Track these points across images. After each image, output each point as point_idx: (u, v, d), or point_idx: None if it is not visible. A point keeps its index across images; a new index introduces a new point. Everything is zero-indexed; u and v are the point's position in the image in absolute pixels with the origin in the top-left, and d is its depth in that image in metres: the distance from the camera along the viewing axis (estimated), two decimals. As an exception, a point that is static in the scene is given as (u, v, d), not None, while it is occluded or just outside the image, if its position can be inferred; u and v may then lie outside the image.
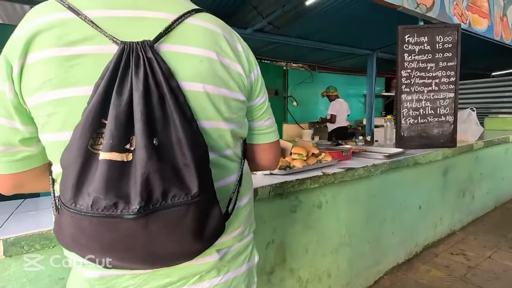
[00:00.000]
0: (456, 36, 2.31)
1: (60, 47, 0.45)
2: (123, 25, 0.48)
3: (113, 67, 0.45)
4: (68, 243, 0.47)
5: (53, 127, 0.47)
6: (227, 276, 0.62)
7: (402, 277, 2.12)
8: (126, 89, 0.44)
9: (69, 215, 0.43)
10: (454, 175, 2.68)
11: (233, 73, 0.57)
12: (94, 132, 0.43)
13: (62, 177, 0.44)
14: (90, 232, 0.43)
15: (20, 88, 0.47)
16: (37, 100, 0.46)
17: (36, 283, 0.88)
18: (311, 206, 1.60)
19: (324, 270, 1.71)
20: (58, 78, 0.45)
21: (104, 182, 0.42)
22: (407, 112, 2.36)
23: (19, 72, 0.46)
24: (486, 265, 2.25)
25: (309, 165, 1.62)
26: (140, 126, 0.43)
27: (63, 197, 0.43)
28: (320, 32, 4.41)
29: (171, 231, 0.46)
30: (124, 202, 0.42)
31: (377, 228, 2.04)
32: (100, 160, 0.42)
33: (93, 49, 0.47)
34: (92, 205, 0.41)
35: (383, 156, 1.96)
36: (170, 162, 0.45)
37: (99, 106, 0.43)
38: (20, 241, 0.83)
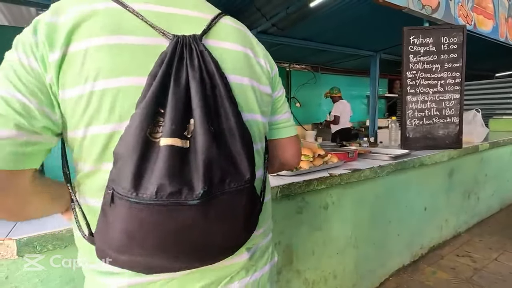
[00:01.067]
0: (462, 37, 2.30)
1: (108, 36, 0.45)
2: (166, 20, 0.50)
3: (169, 57, 0.46)
4: (115, 243, 0.44)
5: (97, 119, 0.45)
6: (255, 275, 0.63)
7: (407, 279, 2.11)
8: (183, 79, 0.45)
9: (127, 206, 0.41)
10: (460, 176, 2.67)
11: (263, 69, 0.62)
12: (152, 121, 0.43)
13: (116, 168, 0.42)
14: (150, 223, 0.42)
15: (57, 78, 0.44)
16: (80, 91, 0.44)
17: (47, 284, 0.89)
18: (318, 208, 1.60)
19: (330, 271, 1.71)
20: (110, 66, 0.45)
21: (168, 168, 0.41)
22: (412, 113, 2.36)
23: (60, 60, 0.44)
24: (493, 267, 2.24)
25: (315, 166, 1.62)
26: (199, 113, 0.44)
27: (120, 188, 0.41)
28: (324, 34, 4.41)
29: (227, 218, 0.48)
30: (188, 188, 0.42)
31: (382, 230, 2.04)
32: (162, 147, 0.42)
33: (141, 40, 0.47)
34: (157, 192, 0.40)
35: (389, 157, 1.96)
36: (225, 149, 0.46)
37: (157, 95, 0.43)
38: (33, 241, 0.83)
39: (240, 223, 0.50)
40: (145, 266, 0.46)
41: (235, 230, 0.50)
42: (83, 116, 0.45)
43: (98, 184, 0.48)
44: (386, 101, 8.49)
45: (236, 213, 0.49)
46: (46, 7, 3.67)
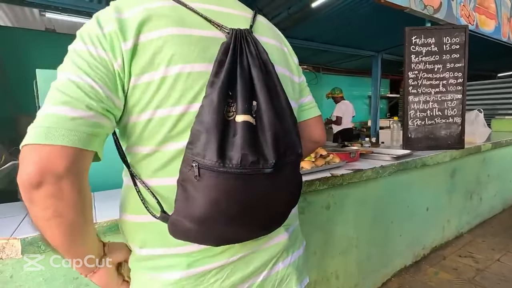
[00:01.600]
0: (464, 37, 2.30)
1: (177, 27, 0.51)
2: (218, 17, 0.57)
3: (232, 46, 0.52)
4: (198, 214, 0.48)
5: (168, 101, 0.50)
6: (294, 256, 0.69)
7: (410, 280, 2.10)
8: (245, 65, 0.52)
9: (215, 176, 0.46)
10: (462, 177, 2.66)
11: (294, 60, 0.71)
12: (225, 101, 0.49)
13: (200, 143, 0.47)
14: (235, 191, 0.48)
15: (129, 66, 0.49)
16: (152, 76, 0.50)
17: (51, 282, 0.90)
18: (320, 208, 1.60)
19: (332, 271, 1.71)
20: (180, 53, 0.50)
21: (247, 140, 0.47)
22: (414, 113, 2.35)
23: (132, 48, 0.49)
24: (495, 267, 2.23)
25: (317, 166, 1.62)
26: (263, 94, 0.51)
27: (207, 160, 0.46)
28: (325, 34, 4.41)
29: (288, 185, 0.56)
30: (263, 158, 0.48)
31: (384, 230, 2.03)
32: (239, 123, 0.48)
33: (203, 32, 0.54)
34: (241, 161, 0.46)
35: (391, 158, 1.96)
36: (283, 126, 0.53)
37: (228, 79, 0.49)
38: (37, 240, 0.84)
39: (294, 192, 0.59)
40: (218, 236, 0.52)
41: (291, 198, 0.59)
42: (152, 100, 0.50)
43: (155, 164, 0.53)
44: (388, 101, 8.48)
45: (292, 182, 0.57)
46: (48, 8, 3.69)
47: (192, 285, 0.55)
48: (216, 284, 0.57)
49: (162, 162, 0.53)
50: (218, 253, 0.57)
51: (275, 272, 0.64)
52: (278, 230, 0.63)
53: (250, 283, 0.61)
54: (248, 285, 0.61)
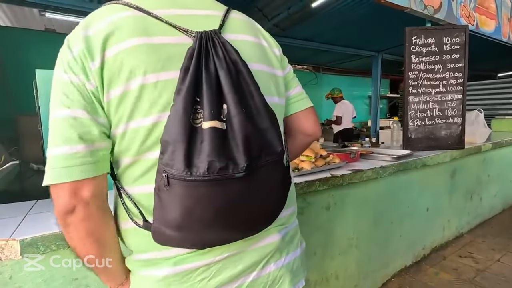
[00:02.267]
0: (464, 38, 2.29)
1: (141, 37, 0.51)
2: (184, 21, 0.56)
3: (197, 51, 0.51)
4: (174, 222, 0.48)
5: (138, 113, 0.51)
6: (288, 257, 0.67)
7: (410, 280, 2.10)
8: (212, 69, 0.51)
9: (184, 186, 0.46)
10: (462, 177, 2.66)
11: (274, 54, 0.68)
12: (192, 108, 0.48)
13: (168, 153, 0.47)
14: (206, 198, 0.47)
15: (101, 82, 0.50)
16: (123, 89, 0.50)
17: (51, 283, 0.90)
18: (319, 208, 1.60)
19: (332, 272, 1.71)
20: (145, 64, 0.50)
21: (214, 147, 0.47)
22: (414, 113, 2.35)
23: (100, 66, 0.50)
24: (495, 268, 2.23)
25: (317, 167, 1.62)
26: (231, 97, 0.49)
27: (175, 170, 0.46)
28: (325, 34, 4.41)
29: (266, 188, 0.54)
30: (233, 163, 0.48)
31: (384, 230, 2.03)
32: (206, 129, 0.47)
33: (168, 39, 0.53)
34: (208, 168, 0.46)
35: (391, 158, 1.96)
36: (257, 126, 0.52)
37: (193, 85, 0.49)
38: (36, 241, 0.84)
39: (277, 193, 0.58)
40: (199, 240, 0.52)
41: (273, 200, 0.57)
42: (123, 113, 0.51)
43: (135, 173, 0.54)
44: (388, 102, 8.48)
45: (273, 184, 0.55)
46: (48, 8, 3.69)
47: (179, 282, 0.57)
48: (203, 282, 0.57)
49: (141, 171, 0.54)
50: (205, 251, 0.57)
51: (267, 273, 0.63)
52: (270, 230, 0.63)
53: (239, 282, 0.60)
54: (237, 285, 0.60)
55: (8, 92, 4.05)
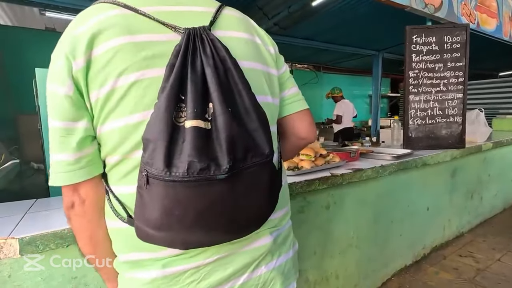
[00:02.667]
0: (465, 36, 2.29)
1: (128, 36, 0.50)
2: (173, 17, 0.55)
3: (184, 48, 0.49)
4: (153, 221, 0.48)
5: (123, 111, 0.50)
6: (280, 260, 0.66)
7: (410, 279, 2.10)
8: (198, 66, 0.49)
9: (163, 185, 0.45)
10: (462, 176, 2.65)
11: (269, 52, 0.66)
12: (175, 106, 0.47)
13: (148, 151, 0.46)
14: (185, 199, 0.46)
15: (86, 82, 0.50)
16: (108, 88, 0.50)
17: (49, 282, 0.90)
18: (319, 207, 1.60)
19: (332, 271, 1.71)
20: (130, 63, 0.50)
21: (195, 147, 0.45)
22: (414, 112, 2.34)
23: (85, 66, 0.49)
24: (496, 267, 2.22)
25: (317, 166, 1.61)
26: (217, 96, 0.48)
27: (154, 169, 0.45)
28: (326, 33, 4.40)
29: (252, 190, 0.52)
30: (215, 164, 0.46)
31: (384, 230, 2.03)
32: (188, 128, 0.46)
33: (155, 37, 0.52)
34: (188, 169, 0.44)
35: (391, 157, 1.95)
36: (244, 127, 0.50)
37: (177, 83, 0.47)
38: (35, 240, 0.84)
39: (264, 196, 0.55)
40: (182, 241, 0.50)
41: (260, 202, 0.55)
42: (109, 111, 0.51)
43: (120, 173, 0.54)
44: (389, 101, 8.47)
45: (260, 187, 0.53)
46: (48, 7, 3.69)
47: (167, 285, 0.56)
48: (192, 285, 0.56)
49: (126, 171, 0.53)
50: (194, 254, 0.56)
51: (257, 275, 0.62)
52: (261, 232, 0.62)
53: (229, 285, 0.59)
54: (228, 287, 0.59)
55: (8, 91, 4.05)
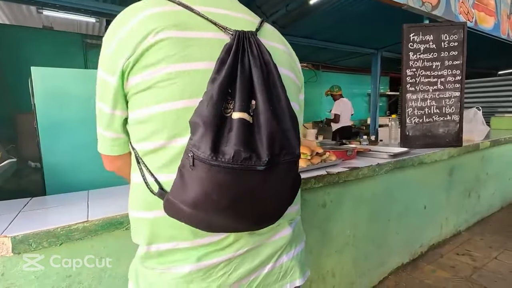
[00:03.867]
0: (462, 35, 2.28)
1: (177, 31, 0.55)
2: (224, 20, 0.60)
3: (235, 47, 0.54)
4: (191, 200, 0.51)
5: (170, 96, 0.54)
6: (297, 249, 0.73)
7: (407, 277, 2.11)
8: (246, 65, 0.54)
9: (207, 168, 0.49)
10: (460, 175, 2.66)
11: (297, 65, 0.75)
12: (224, 98, 0.51)
13: (197, 135, 0.50)
14: (226, 184, 0.50)
15: (132, 70, 0.55)
16: (154, 74, 0.54)
17: (43, 280, 0.90)
18: (315, 206, 1.60)
19: (328, 270, 1.71)
20: (178, 54, 0.54)
21: (242, 137, 0.49)
22: (412, 111, 2.34)
23: (135, 56, 0.53)
24: (493, 266, 2.23)
25: (313, 164, 1.61)
26: (261, 95, 0.53)
27: (201, 153, 0.49)
28: (324, 31, 4.40)
29: (282, 184, 0.57)
30: (256, 156, 0.50)
31: (381, 228, 2.03)
32: (235, 119, 0.50)
33: (206, 34, 0.57)
34: (234, 157, 0.48)
35: (388, 156, 1.95)
36: (281, 126, 0.54)
37: (229, 77, 0.52)
38: (28, 238, 0.84)
39: (289, 191, 0.60)
40: (208, 223, 0.54)
41: (285, 196, 0.60)
42: (154, 96, 0.54)
43: (162, 159, 0.56)
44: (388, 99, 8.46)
45: (287, 182, 0.58)
46: (46, 6, 3.68)
47: (201, 278, 0.59)
48: (224, 277, 0.60)
49: (168, 158, 0.56)
50: (226, 246, 0.60)
51: (280, 264, 0.68)
52: (282, 224, 0.68)
53: (255, 275, 0.64)
54: (254, 277, 0.64)
55: (6, 90, 4.04)
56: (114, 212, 0.98)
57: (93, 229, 0.93)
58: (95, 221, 0.93)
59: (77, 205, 1.09)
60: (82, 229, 0.91)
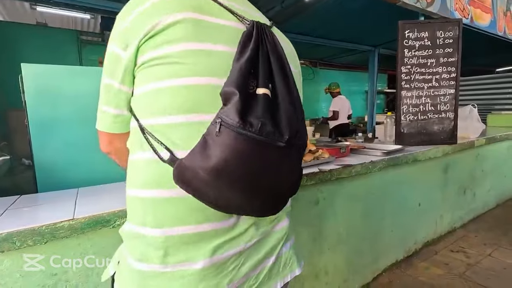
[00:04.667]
0: (457, 32, 2.27)
1: (197, 13, 0.57)
2: (241, 13, 0.63)
3: (255, 34, 0.56)
4: (211, 166, 0.50)
5: (186, 72, 0.55)
6: (292, 240, 0.75)
7: (400, 274, 2.11)
8: (265, 51, 0.57)
9: (233, 136, 0.49)
10: (455, 172, 2.66)
11: (299, 65, 0.78)
12: (249, 75, 0.53)
13: (230, 102, 0.50)
14: (248, 153, 0.50)
15: (144, 47, 0.55)
16: (171, 49, 0.54)
17: (28, 278, 0.89)
18: (308, 203, 1.59)
19: (321, 267, 1.71)
20: (196, 34, 0.56)
21: (267, 111, 0.52)
22: (407, 108, 2.34)
23: (159, 30, 0.54)
24: (486, 262, 2.24)
25: (305, 162, 1.61)
26: (280, 79, 0.56)
27: (230, 120, 0.49)
28: (321, 28, 4.37)
29: (294, 166, 0.59)
30: (278, 132, 0.52)
31: (375, 226, 2.03)
32: (260, 94, 0.53)
33: (225, 22, 0.60)
34: (260, 128, 0.50)
35: (381, 153, 1.95)
36: (296, 112, 0.57)
37: (252, 58, 0.54)
38: (12, 236, 0.83)
39: (294, 175, 0.62)
40: (223, 197, 0.53)
41: (292, 180, 0.61)
42: (169, 71, 0.55)
43: (177, 134, 0.55)
44: (386, 97, 8.45)
45: (297, 165, 0.61)
46: (39, 1, 3.64)
47: (213, 274, 0.58)
48: (234, 271, 0.61)
49: (182, 134, 0.55)
50: (238, 234, 0.60)
51: (281, 255, 0.70)
52: (281, 216, 0.70)
53: (261, 267, 0.66)
54: (260, 269, 0.66)
55: (0, 87, 4.01)
56: (101, 210, 0.97)
57: (79, 227, 0.92)
58: (81, 219, 0.92)
59: (65, 203, 1.07)
60: (68, 227, 0.90)
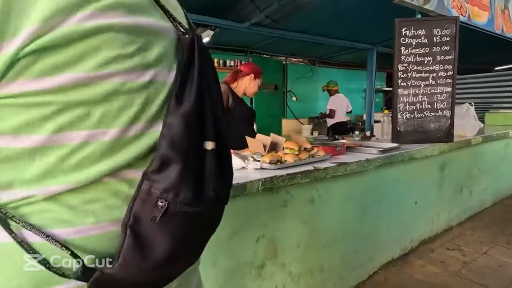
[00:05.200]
0: (454, 29, 2.26)
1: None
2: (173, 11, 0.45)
3: (198, 62, 0.42)
4: (160, 257, 0.39)
5: None
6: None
7: (396, 272, 2.11)
8: (208, 85, 0.45)
9: (188, 215, 0.39)
10: (451, 170, 2.66)
11: None
12: (198, 124, 0.41)
13: (172, 175, 0.38)
14: (201, 224, 0.44)
15: None
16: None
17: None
18: (303, 201, 1.59)
19: (316, 264, 1.71)
20: None
21: (217, 171, 0.43)
22: (403, 106, 2.33)
23: None
24: (482, 260, 2.24)
25: (301, 159, 1.60)
26: (221, 121, 0.47)
27: (180, 199, 0.38)
28: (319, 26, 4.35)
29: (214, 223, 0.50)
30: (225, 187, 0.48)
31: (371, 224, 2.03)
32: (209, 150, 0.42)
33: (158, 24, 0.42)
34: (215, 192, 0.43)
35: (377, 151, 1.95)
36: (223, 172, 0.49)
37: (198, 100, 0.41)
38: None
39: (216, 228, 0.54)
40: (171, 275, 0.45)
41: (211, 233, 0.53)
42: None
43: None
44: (384, 95, 8.44)
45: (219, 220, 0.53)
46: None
47: None
48: None
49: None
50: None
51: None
52: None
53: None
54: None
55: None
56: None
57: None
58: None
59: None
60: None
